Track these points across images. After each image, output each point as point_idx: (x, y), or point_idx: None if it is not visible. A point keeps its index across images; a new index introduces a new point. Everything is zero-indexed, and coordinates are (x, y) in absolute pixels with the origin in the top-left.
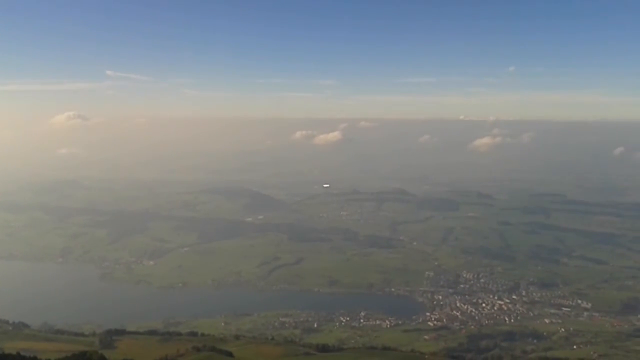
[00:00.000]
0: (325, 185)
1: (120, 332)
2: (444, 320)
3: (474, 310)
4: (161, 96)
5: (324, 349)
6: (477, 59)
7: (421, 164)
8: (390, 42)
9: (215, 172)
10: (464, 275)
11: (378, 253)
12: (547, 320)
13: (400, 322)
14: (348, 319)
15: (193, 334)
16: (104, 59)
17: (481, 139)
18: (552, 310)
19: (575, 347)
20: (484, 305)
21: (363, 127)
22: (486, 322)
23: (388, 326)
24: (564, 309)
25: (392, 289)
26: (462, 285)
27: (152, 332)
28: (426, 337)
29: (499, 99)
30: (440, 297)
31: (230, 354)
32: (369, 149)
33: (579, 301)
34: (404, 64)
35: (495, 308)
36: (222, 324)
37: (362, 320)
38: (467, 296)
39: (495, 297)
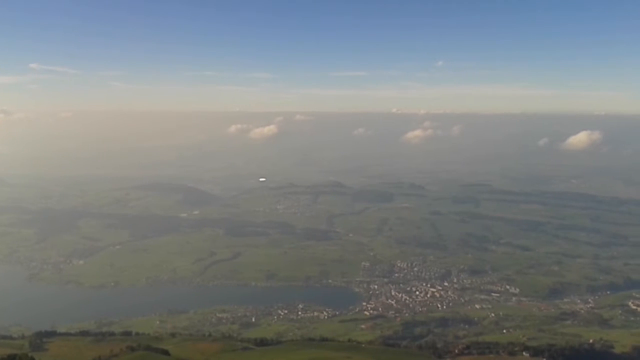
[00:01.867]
0: (261, 179)
1: (51, 334)
2: (380, 309)
3: (408, 298)
4: (88, 90)
5: (262, 343)
6: (407, 54)
7: (356, 157)
8: (324, 36)
9: (147, 168)
10: (399, 265)
11: (315, 245)
12: (477, 306)
13: (337, 313)
14: (286, 312)
15: (127, 333)
16: (28, 52)
17: (413, 131)
18: (482, 296)
19: (505, 331)
20: (417, 293)
21: (299, 120)
22: (420, 309)
23: (326, 317)
24: (493, 294)
25: (330, 281)
26: (396, 275)
27: (84, 333)
28: (363, 326)
29: (429, 93)
30: (376, 286)
31: (166, 353)
32: (305, 143)
33: (508, 287)
34: (337, 58)
35: (429, 295)
36: (157, 322)
37: (300, 313)
38: (401, 285)
39: (428, 285)
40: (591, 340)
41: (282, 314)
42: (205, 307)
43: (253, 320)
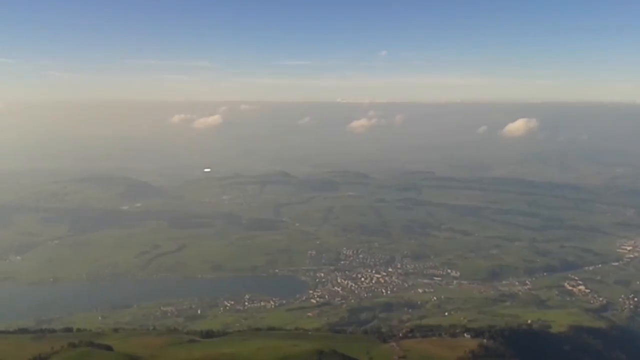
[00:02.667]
0: (206, 170)
1: None
2: (326, 296)
3: (354, 285)
4: (24, 79)
5: (208, 334)
6: (351, 44)
7: (302, 146)
8: (268, 24)
9: (86, 160)
10: (344, 252)
11: (262, 236)
12: (420, 290)
13: (284, 302)
14: (232, 303)
15: (68, 329)
16: None
17: (358, 120)
18: (425, 280)
19: (447, 313)
20: (363, 279)
21: (243, 110)
22: (365, 295)
23: (273, 307)
24: (435, 278)
25: (277, 270)
26: (342, 262)
27: (23, 331)
28: (310, 314)
29: (373, 82)
30: (323, 274)
31: (109, 348)
32: (250, 132)
33: (449, 270)
34: (282, 47)
35: (374, 281)
36: (100, 318)
37: (246, 303)
38: (347, 272)
39: (373, 271)
40: (529, 321)
41: (229, 305)
42: (149, 301)
43: (199, 312)
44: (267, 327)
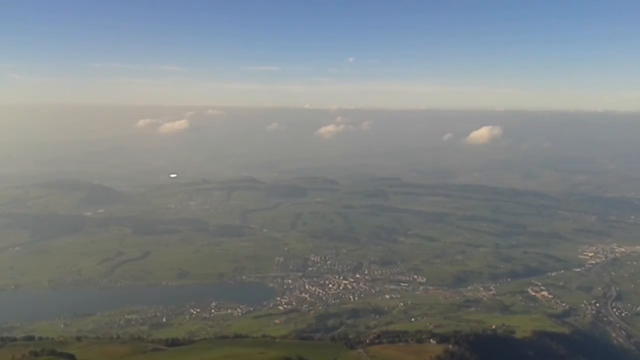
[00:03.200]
0: (172, 176)
1: None
2: (294, 303)
3: (321, 291)
4: None
5: (173, 343)
6: (319, 50)
7: (270, 152)
8: (235, 29)
9: (49, 164)
10: (312, 259)
11: (229, 242)
12: (387, 296)
13: (251, 309)
14: (199, 310)
15: (29, 338)
16: None
17: (326, 127)
18: (392, 286)
19: (413, 319)
20: (330, 285)
21: (211, 115)
22: (333, 301)
23: (239, 314)
24: (402, 284)
25: (244, 277)
26: (310, 268)
27: None
28: (277, 321)
29: (341, 89)
30: (290, 281)
31: (72, 357)
32: (218, 137)
33: (415, 276)
34: (250, 52)
35: (341, 288)
36: (62, 326)
37: (213, 311)
38: (315, 278)
39: (341, 278)
40: (494, 326)
41: (195, 312)
42: (112, 309)
43: (164, 320)
44: (234, 334)
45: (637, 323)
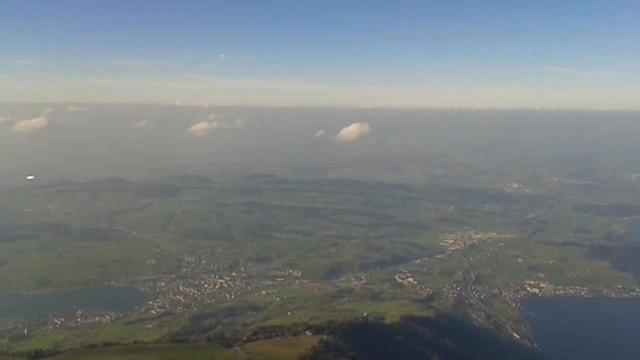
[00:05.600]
0: (29, 177)
1: None
2: (168, 306)
3: (196, 292)
4: None
5: (37, 355)
6: (190, 46)
7: (139, 150)
8: (100, 22)
9: None
10: (186, 259)
11: (94, 246)
12: (264, 292)
13: (121, 315)
14: (63, 320)
15: None
16: None
17: (198, 124)
18: (268, 282)
19: (289, 313)
20: (206, 285)
21: (72, 112)
22: (209, 302)
23: (108, 321)
24: (278, 279)
25: (112, 282)
26: (184, 269)
27: None
28: (149, 325)
29: (213, 85)
30: (163, 283)
31: None
32: (80, 136)
33: (291, 271)
34: (116, 46)
35: (217, 287)
36: None
37: (79, 320)
38: (189, 279)
39: (217, 277)
40: (365, 314)
41: (59, 322)
42: None
43: (25, 332)
44: (103, 342)
45: (494, 304)
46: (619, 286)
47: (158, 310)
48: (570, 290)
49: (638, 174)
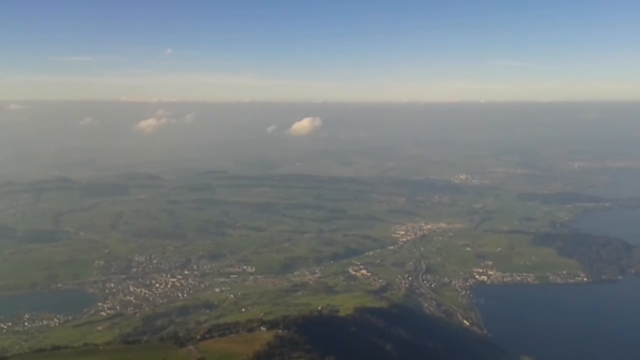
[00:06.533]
0: None
1: None
2: (118, 307)
3: (147, 292)
4: None
5: None
6: (134, 40)
7: (84, 149)
8: (39, 17)
9: None
10: (136, 259)
11: (40, 248)
12: (217, 289)
13: (70, 318)
14: (10, 324)
15: None
16: None
17: (146, 120)
18: (222, 279)
19: (243, 309)
20: (157, 285)
21: (12, 110)
22: (160, 301)
23: (57, 324)
24: (232, 276)
25: (59, 285)
26: (134, 269)
27: None
28: (100, 327)
29: (161, 81)
30: (113, 284)
31: None
32: (22, 135)
33: (245, 267)
34: (57, 42)
35: (169, 286)
36: None
37: (26, 323)
38: (140, 279)
39: (168, 276)
40: (319, 307)
41: (5, 327)
42: None
43: None
44: (52, 346)
45: (445, 292)
46: (564, 272)
47: (108, 311)
48: (517, 277)
49: (580, 162)
